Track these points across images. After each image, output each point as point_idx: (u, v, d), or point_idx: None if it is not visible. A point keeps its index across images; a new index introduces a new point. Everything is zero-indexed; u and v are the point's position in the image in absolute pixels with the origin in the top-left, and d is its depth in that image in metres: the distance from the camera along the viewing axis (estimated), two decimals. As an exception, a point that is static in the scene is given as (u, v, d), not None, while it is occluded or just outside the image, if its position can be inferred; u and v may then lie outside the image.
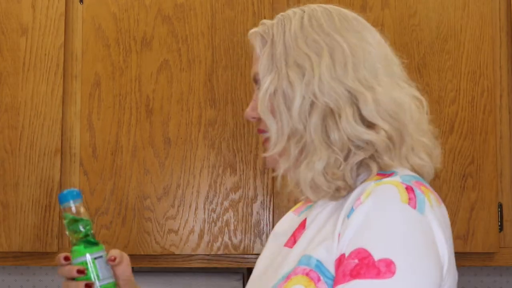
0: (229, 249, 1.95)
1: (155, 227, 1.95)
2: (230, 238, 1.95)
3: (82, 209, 1.32)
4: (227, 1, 2.01)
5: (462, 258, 1.96)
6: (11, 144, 1.98)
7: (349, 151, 1.07)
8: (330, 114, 1.07)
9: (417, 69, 1.99)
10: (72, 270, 1.25)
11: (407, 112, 1.10)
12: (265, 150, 1.15)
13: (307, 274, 1.02)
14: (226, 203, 1.96)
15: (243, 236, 1.94)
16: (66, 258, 1.28)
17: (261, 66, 1.14)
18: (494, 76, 1.99)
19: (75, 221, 1.30)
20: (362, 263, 0.96)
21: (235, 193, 1.96)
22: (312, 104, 1.08)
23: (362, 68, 1.10)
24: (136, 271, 2.20)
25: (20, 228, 1.96)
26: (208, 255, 1.96)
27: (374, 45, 1.14)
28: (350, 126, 1.06)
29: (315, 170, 1.07)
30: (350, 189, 1.07)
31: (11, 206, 1.96)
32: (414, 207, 1.00)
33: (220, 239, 1.95)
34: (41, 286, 2.26)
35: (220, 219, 1.95)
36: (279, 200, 1.97)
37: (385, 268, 0.95)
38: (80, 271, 1.27)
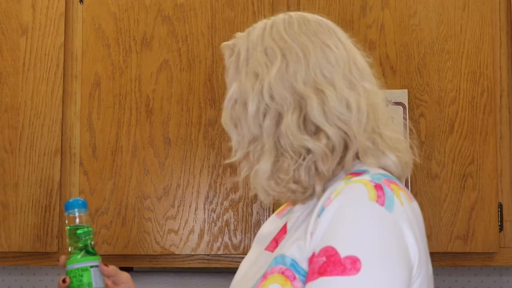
0: (229, 249, 1.95)
1: (155, 227, 1.95)
2: (230, 238, 1.95)
3: (85, 219, 1.38)
4: (227, 1, 2.01)
5: (462, 258, 1.96)
6: (11, 144, 1.98)
7: (301, 155, 1.08)
8: (281, 119, 1.10)
9: (417, 69, 1.99)
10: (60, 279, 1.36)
11: (364, 113, 1.10)
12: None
13: (283, 273, 1.04)
14: (226, 203, 1.96)
15: (243, 236, 1.95)
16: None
17: (227, 77, 1.18)
18: (494, 76, 1.99)
19: (77, 229, 1.35)
20: (329, 261, 0.98)
21: (235, 193, 1.96)
22: (266, 110, 1.10)
23: (315, 71, 1.10)
24: (136, 271, 2.21)
25: (20, 228, 1.96)
26: (208, 255, 1.96)
27: (333, 47, 1.14)
28: (290, 131, 1.08)
29: (263, 175, 1.10)
30: (314, 190, 1.09)
31: (11, 206, 1.96)
32: (382, 204, 1.00)
33: (220, 239, 1.95)
34: (41, 286, 2.26)
35: (220, 219, 1.95)
36: (279, 200, 1.97)
37: (351, 265, 0.96)
38: (63, 281, 1.40)
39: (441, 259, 1.96)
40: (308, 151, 1.08)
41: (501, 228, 1.95)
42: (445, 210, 1.94)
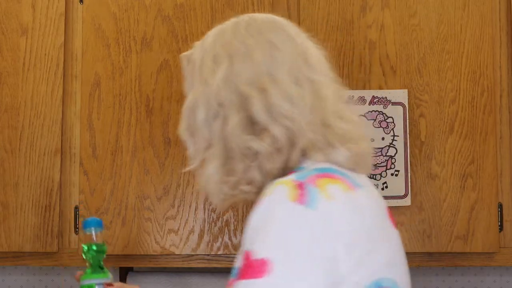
0: (229, 249, 1.95)
1: (155, 227, 1.95)
2: (230, 238, 1.95)
3: (101, 237, 1.52)
4: (227, 1, 2.01)
5: (462, 258, 1.96)
6: (11, 144, 1.98)
7: (250, 155, 1.09)
8: (227, 122, 1.11)
9: (417, 69, 1.99)
10: None
11: (307, 107, 1.09)
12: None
13: (229, 285, 1.05)
14: (226, 203, 1.96)
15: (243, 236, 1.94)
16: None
17: (185, 87, 1.21)
18: (494, 76, 1.99)
19: (92, 246, 1.50)
20: (245, 264, 0.98)
21: (235, 193, 1.96)
22: (214, 115, 1.12)
23: (259, 70, 1.11)
24: (136, 271, 2.21)
25: (20, 228, 1.96)
26: (208, 255, 1.96)
27: (279, 45, 1.13)
28: (234, 133, 1.09)
29: (213, 178, 1.11)
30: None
31: (11, 206, 1.96)
32: (303, 203, 0.98)
33: (220, 239, 1.95)
34: (41, 286, 2.26)
35: (220, 219, 1.95)
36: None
37: (262, 267, 0.95)
38: None
39: (441, 259, 1.96)
40: (256, 151, 1.08)
41: (501, 228, 1.95)
42: (445, 210, 1.94)
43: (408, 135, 1.97)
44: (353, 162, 1.09)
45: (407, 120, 1.97)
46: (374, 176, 1.95)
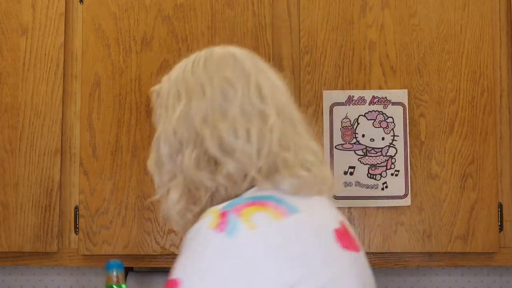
0: (229, 249, 1.94)
1: (155, 227, 1.95)
2: (230, 238, 1.95)
3: (121, 279, 1.70)
4: (227, 1, 2.01)
5: (462, 258, 1.96)
6: (11, 144, 1.98)
7: (209, 188, 1.15)
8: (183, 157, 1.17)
9: (417, 69, 1.99)
10: None
11: (255, 142, 1.12)
12: None
13: None
14: (226, 203, 1.96)
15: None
16: None
17: (153, 120, 1.26)
18: (494, 76, 1.99)
19: (112, 287, 1.69)
20: (166, 282, 1.06)
21: (235, 193, 1.96)
22: (177, 150, 1.17)
23: (212, 107, 1.15)
24: (136, 271, 2.21)
25: (20, 228, 1.96)
26: (208, 255, 1.96)
27: (234, 80, 1.17)
28: (188, 169, 1.14)
29: (172, 207, 1.18)
30: None
31: (11, 206, 1.96)
32: (222, 231, 1.02)
33: (220, 239, 1.95)
34: (41, 286, 2.26)
35: (220, 219, 1.95)
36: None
37: (172, 287, 1.02)
38: None
39: (441, 259, 1.96)
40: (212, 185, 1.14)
41: (501, 228, 1.95)
42: (445, 210, 1.94)
43: (408, 135, 1.97)
44: (302, 187, 1.11)
45: (407, 120, 1.97)
46: (374, 176, 1.95)
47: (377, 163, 1.96)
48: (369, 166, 1.96)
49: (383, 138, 1.97)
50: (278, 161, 1.12)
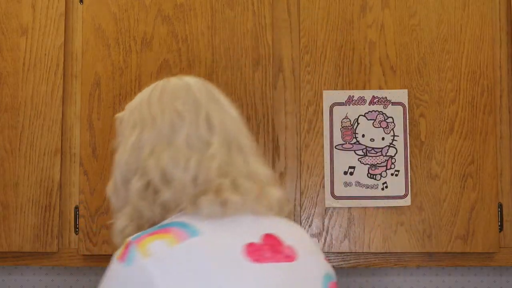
0: (229, 249, 1.94)
1: (155, 227, 1.95)
2: (230, 238, 1.95)
3: None
4: (227, 1, 2.01)
5: (462, 258, 1.96)
6: (11, 144, 1.98)
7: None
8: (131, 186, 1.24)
9: (417, 69, 1.99)
10: None
11: (191, 171, 1.18)
12: None
13: None
14: (226, 203, 1.95)
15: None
16: None
17: (115, 145, 1.32)
18: (494, 76, 1.99)
19: None
20: None
21: (235, 193, 1.95)
22: (129, 178, 1.24)
23: (159, 138, 1.21)
24: (136, 271, 2.20)
25: (20, 228, 1.96)
26: (208, 255, 1.96)
27: (184, 113, 1.23)
28: (133, 198, 1.22)
29: (121, 231, 1.26)
30: None
31: (11, 206, 1.96)
32: (123, 260, 1.10)
33: (220, 239, 1.95)
34: (41, 286, 2.26)
35: (220, 219, 1.95)
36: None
37: None
38: None
39: (441, 259, 1.96)
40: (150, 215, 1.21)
41: (501, 228, 1.95)
42: (445, 210, 1.94)
43: (408, 135, 1.97)
44: (227, 210, 1.16)
45: (407, 120, 1.97)
46: (374, 176, 1.95)
47: (377, 163, 1.96)
48: (369, 166, 1.96)
49: (383, 138, 1.97)
50: (212, 186, 1.17)
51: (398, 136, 1.97)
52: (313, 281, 1.20)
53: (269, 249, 1.16)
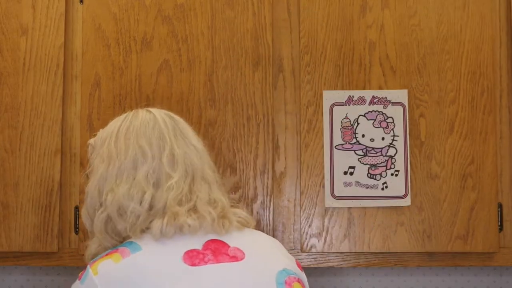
0: (229, 249, 1.94)
1: (155, 227, 1.95)
2: (230, 238, 1.95)
3: None
4: (227, 1, 2.01)
5: (462, 258, 1.96)
6: (11, 144, 1.98)
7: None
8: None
9: (417, 69, 1.99)
10: None
11: (149, 201, 1.27)
12: None
13: None
14: (226, 203, 1.96)
15: None
16: None
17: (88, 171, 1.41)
18: (494, 76, 1.99)
19: None
20: None
21: (235, 193, 1.96)
22: (96, 209, 1.33)
23: (121, 173, 1.30)
24: (136, 271, 2.20)
25: (20, 228, 1.96)
26: (208, 255, 1.96)
27: (147, 148, 1.31)
28: (97, 231, 1.32)
29: (87, 258, 1.34)
30: None
31: (11, 206, 1.96)
32: (79, 279, 1.23)
33: (220, 239, 1.95)
34: (41, 286, 2.26)
35: (220, 219, 1.95)
36: (279, 200, 1.97)
37: None
38: None
39: (441, 259, 1.96)
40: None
41: (501, 228, 1.95)
42: (445, 210, 1.94)
43: (408, 135, 1.97)
44: (180, 230, 1.25)
45: (407, 120, 1.97)
46: (374, 176, 1.96)
47: (377, 163, 1.96)
48: (369, 166, 1.96)
49: (383, 138, 1.97)
50: (169, 212, 1.26)
51: (398, 136, 1.97)
52: (264, 277, 1.25)
53: (211, 253, 1.23)
